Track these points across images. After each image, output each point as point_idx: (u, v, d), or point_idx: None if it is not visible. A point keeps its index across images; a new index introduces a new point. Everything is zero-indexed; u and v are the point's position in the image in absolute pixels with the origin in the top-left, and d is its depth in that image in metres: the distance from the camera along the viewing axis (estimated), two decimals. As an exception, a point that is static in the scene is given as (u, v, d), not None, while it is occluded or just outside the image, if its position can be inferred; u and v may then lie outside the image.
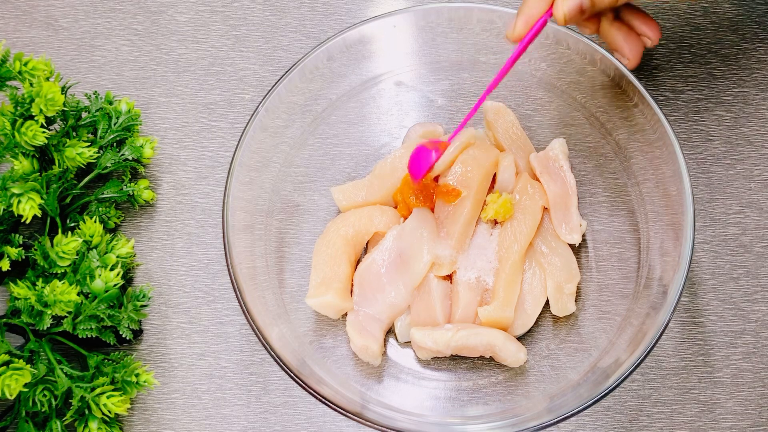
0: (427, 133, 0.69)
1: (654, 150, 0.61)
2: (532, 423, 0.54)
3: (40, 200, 0.61)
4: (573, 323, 0.64)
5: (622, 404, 0.63)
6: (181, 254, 0.70)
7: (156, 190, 0.72)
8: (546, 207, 0.65)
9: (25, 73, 0.63)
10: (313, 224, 0.68)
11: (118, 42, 0.77)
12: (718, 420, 0.63)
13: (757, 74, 0.72)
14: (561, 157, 0.66)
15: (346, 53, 0.66)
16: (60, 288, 0.59)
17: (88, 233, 0.64)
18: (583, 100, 0.66)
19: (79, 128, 0.68)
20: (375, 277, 0.64)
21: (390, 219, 0.66)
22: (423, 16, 0.66)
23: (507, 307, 0.62)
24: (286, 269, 0.65)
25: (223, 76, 0.75)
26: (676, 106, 0.71)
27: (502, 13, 0.65)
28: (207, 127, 0.74)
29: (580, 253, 0.66)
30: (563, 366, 0.62)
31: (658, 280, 0.59)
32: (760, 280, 0.66)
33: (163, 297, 0.68)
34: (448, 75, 0.70)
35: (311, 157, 0.69)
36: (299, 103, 0.66)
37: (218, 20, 0.77)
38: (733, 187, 0.69)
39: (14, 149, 0.62)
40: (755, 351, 0.64)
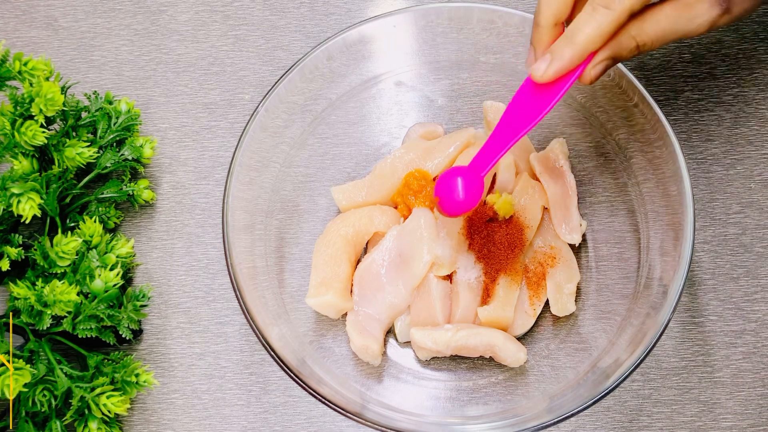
0: (427, 133, 0.69)
1: (654, 150, 0.61)
2: (532, 423, 0.54)
3: (39, 200, 0.61)
4: (573, 323, 0.64)
5: (622, 404, 0.63)
6: (181, 254, 0.70)
7: (156, 190, 0.72)
8: (546, 207, 0.66)
9: (25, 73, 0.63)
10: (313, 224, 0.68)
11: (117, 42, 0.77)
12: (718, 420, 0.63)
13: (757, 74, 0.72)
14: (561, 157, 0.66)
15: (346, 53, 0.66)
16: (60, 288, 0.59)
17: (87, 233, 0.64)
18: (583, 100, 0.66)
19: (79, 128, 0.68)
20: (375, 277, 0.64)
21: (390, 219, 0.66)
22: (423, 16, 0.66)
23: (507, 307, 0.62)
24: (286, 269, 0.65)
25: (223, 76, 0.75)
26: (676, 106, 0.71)
27: (502, 13, 0.65)
28: (207, 127, 0.74)
29: (580, 253, 0.66)
30: (563, 366, 0.62)
31: (658, 280, 0.59)
32: (760, 280, 0.66)
33: (163, 297, 0.68)
34: (448, 75, 0.70)
35: (311, 157, 0.69)
36: (299, 103, 0.66)
37: (218, 20, 0.77)
38: (733, 187, 0.69)
39: (14, 149, 0.62)
40: (755, 351, 0.64)
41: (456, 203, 0.57)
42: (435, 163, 0.66)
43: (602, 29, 0.51)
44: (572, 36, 0.52)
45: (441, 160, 0.66)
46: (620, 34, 0.52)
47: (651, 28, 0.52)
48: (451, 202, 0.57)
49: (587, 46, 0.52)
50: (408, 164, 0.67)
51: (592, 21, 0.51)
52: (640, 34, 0.52)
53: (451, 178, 0.58)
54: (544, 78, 0.53)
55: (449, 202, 0.57)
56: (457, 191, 0.57)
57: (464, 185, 0.57)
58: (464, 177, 0.57)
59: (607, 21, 0.51)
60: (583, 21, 0.52)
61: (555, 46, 0.53)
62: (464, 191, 0.57)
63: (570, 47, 0.52)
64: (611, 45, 0.52)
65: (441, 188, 0.58)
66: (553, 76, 0.53)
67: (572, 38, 0.52)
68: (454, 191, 0.57)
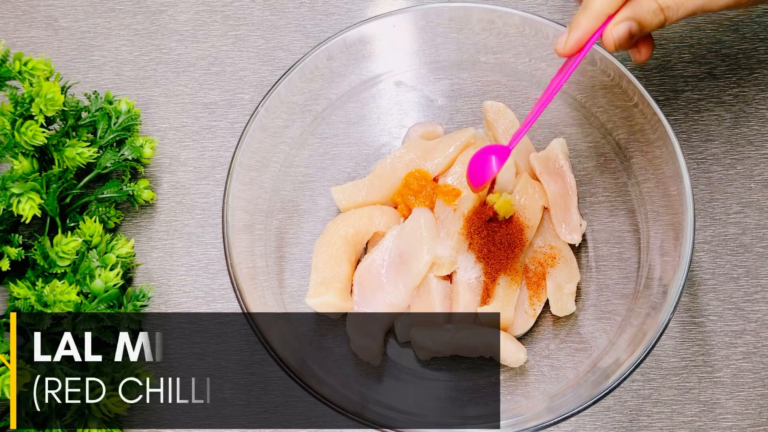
0: (427, 133, 0.69)
1: (654, 150, 0.61)
2: (532, 423, 0.54)
3: (39, 200, 0.61)
4: (573, 323, 0.64)
5: (622, 404, 0.63)
6: (181, 254, 0.70)
7: (156, 190, 0.72)
8: (546, 207, 0.65)
9: (25, 73, 0.63)
10: (313, 224, 0.68)
11: (117, 42, 0.77)
12: (718, 420, 0.63)
13: (757, 74, 0.72)
14: (561, 157, 0.66)
15: (346, 53, 0.66)
16: (60, 288, 0.59)
17: (87, 233, 0.64)
18: (583, 100, 0.66)
19: (79, 128, 0.68)
20: (375, 277, 0.64)
21: (390, 219, 0.66)
22: (423, 16, 0.66)
23: (507, 307, 0.62)
24: (286, 269, 0.65)
25: (223, 76, 0.75)
26: (676, 106, 0.71)
27: (502, 13, 0.65)
28: (207, 127, 0.74)
29: (580, 253, 0.66)
30: (563, 366, 0.62)
31: (658, 280, 0.59)
32: (760, 280, 0.66)
33: (163, 297, 0.68)
34: (448, 75, 0.70)
35: (311, 157, 0.69)
36: (299, 103, 0.66)
37: (218, 20, 0.77)
38: (733, 187, 0.69)
39: (14, 149, 0.62)
40: (755, 351, 0.64)
41: (483, 171, 0.59)
42: (435, 163, 0.66)
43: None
44: (588, 3, 0.53)
45: (441, 160, 0.66)
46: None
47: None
48: (479, 172, 0.59)
49: (603, 9, 0.52)
50: (408, 164, 0.67)
51: None
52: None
53: (483, 153, 0.59)
54: (566, 49, 0.54)
55: (477, 172, 0.59)
56: (488, 162, 0.59)
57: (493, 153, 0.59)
58: (494, 150, 0.59)
59: None
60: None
61: (572, 19, 0.54)
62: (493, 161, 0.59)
63: (586, 14, 0.53)
64: (631, 5, 0.53)
65: (473, 162, 0.60)
66: (575, 46, 0.54)
67: (587, 5, 0.53)
68: (484, 161, 0.59)
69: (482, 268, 0.63)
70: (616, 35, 0.53)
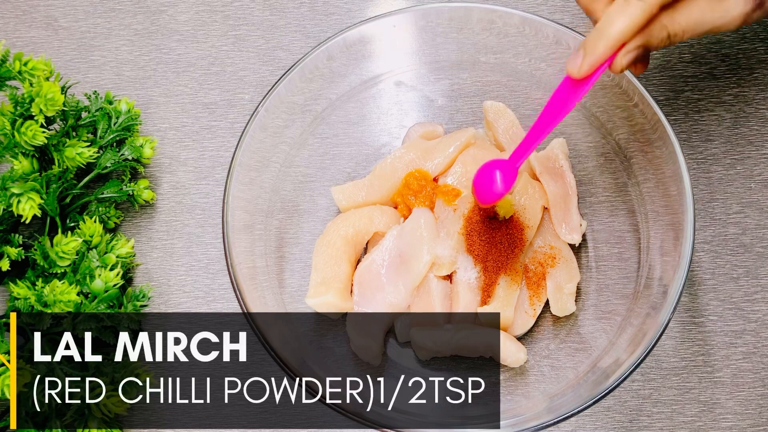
0: (427, 133, 0.69)
1: (654, 150, 0.61)
2: (532, 423, 0.54)
3: (39, 200, 0.61)
4: (573, 323, 0.64)
5: (622, 404, 0.63)
6: (180, 254, 0.70)
7: (156, 190, 0.72)
8: (546, 207, 0.66)
9: (25, 73, 0.63)
10: (313, 224, 0.68)
11: (117, 42, 0.77)
12: (718, 420, 0.63)
13: (757, 74, 0.72)
14: (561, 157, 0.66)
15: (346, 53, 0.66)
16: (60, 288, 0.59)
17: (87, 233, 0.64)
18: (583, 100, 0.66)
19: (79, 128, 0.68)
20: (375, 277, 0.64)
21: (390, 219, 0.66)
22: (423, 16, 0.66)
23: (507, 307, 0.62)
24: (286, 269, 0.65)
25: (223, 76, 0.75)
26: (676, 106, 0.71)
27: (502, 13, 0.65)
28: (207, 127, 0.74)
29: (580, 253, 0.66)
30: (563, 366, 0.62)
31: (658, 280, 0.59)
32: (760, 280, 0.66)
33: (163, 297, 0.68)
34: (448, 75, 0.70)
35: (311, 157, 0.69)
36: (299, 103, 0.66)
37: (218, 20, 0.77)
38: (733, 187, 0.69)
39: (14, 149, 0.62)
40: (755, 351, 0.64)
41: (491, 192, 0.60)
42: (435, 163, 0.66)
43: (634, 21, 0.52)
44: (604, 29, 0.52)
45: (441, 160, 0.66)
46: (652, 24, 0.52)
47: (683, 18, 0.53)
48: (487, 191, 0.60)
49: (620, 38, 0.52)
50: (408, 164, 0.67)
51: (624, 13, 0.52)
52: (672, 24, 0.53)
53: (488, 169, 0.60)
54: (581, 73, 0.54)
55: (485, 191, 0.60)
56: (495, 181, 0.60)
57: (500, 174, 0.60)
58: (500, 167, 0.59)
59: (639, 13, 0.51)
60: (615, 13, 0.52)
61: (587, 41, 0.53)
62: (500, 180, 0.59)
63: (603, 41, 0.52)
64: (642, 34, 0.53)
65: (478, 179, 0.60)
66: (589, 71, 0.54)
67: (604, 31, 0.52)
68: (491, 180, 0.60)
69: (482, 268, 0.63)
70: (626, 62, 0.53)
